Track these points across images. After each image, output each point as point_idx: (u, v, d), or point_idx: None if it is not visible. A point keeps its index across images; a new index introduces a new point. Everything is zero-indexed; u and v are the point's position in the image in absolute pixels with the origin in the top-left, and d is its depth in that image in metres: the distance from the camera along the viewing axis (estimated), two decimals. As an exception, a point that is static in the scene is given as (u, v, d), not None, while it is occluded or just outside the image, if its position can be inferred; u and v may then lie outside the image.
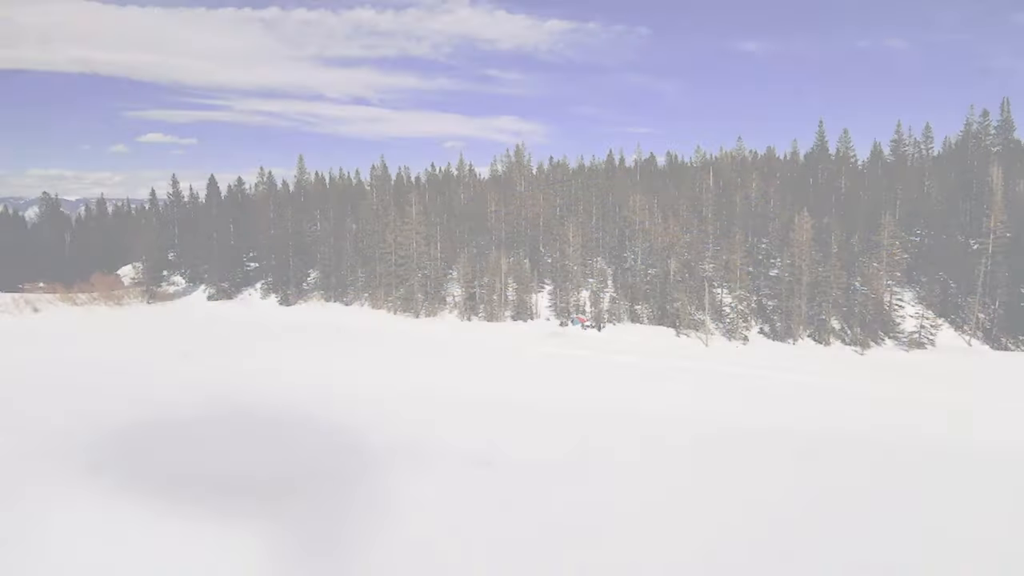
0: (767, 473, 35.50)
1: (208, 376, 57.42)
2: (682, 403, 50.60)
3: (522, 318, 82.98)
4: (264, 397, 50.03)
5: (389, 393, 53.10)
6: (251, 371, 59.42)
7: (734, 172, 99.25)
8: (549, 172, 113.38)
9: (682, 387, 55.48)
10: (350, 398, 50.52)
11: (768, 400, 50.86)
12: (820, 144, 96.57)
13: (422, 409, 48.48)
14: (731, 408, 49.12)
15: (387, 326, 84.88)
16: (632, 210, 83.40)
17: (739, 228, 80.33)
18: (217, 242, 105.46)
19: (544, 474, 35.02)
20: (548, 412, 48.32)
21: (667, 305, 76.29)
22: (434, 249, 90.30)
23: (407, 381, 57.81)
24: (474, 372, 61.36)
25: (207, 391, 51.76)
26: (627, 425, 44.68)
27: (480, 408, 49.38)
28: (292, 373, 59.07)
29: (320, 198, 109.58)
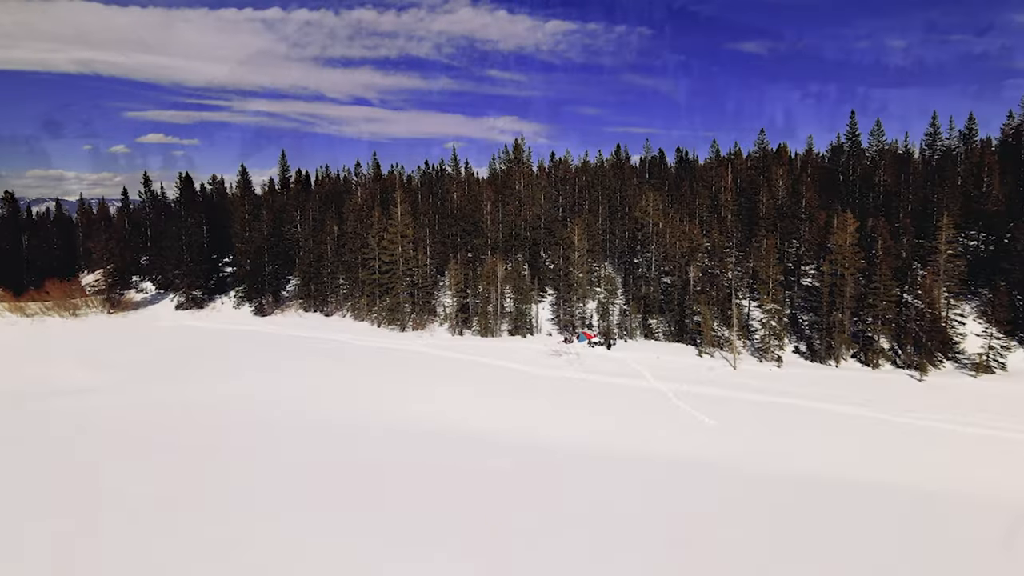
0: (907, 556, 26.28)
1: (123, 408, 48.64)
2: (728, 446, 41.30)
3: (520, 332, 73.48)
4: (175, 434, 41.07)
5: (368, 428, 44.63)
6: (164, 403, 50.56)
7: (755, 169, 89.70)
8: (551, 169, 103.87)
9: (723, 422, 46.08)
10: (325, 439, 41.70)
11: (840, 442, 41.65)
12: (852, 137, 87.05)
13: (405, 447, 39.91)
14: (793, 453, 39.78)
15: (369, 341, 75.37)
16: (644, 210, 73.90)
17: (765, 230, 70.85)
18: (187, 246, 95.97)
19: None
20: (561, 458, 39.39)
21: (686, 319, 66.80)
22: (423, 254, 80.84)
23: (387, 412, 48.87)
24: (464, 401, 51.94)
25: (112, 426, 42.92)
26: (669, 482, 35.55)
27: (471, 446, 40.67)
28: (232, 399, 50.18)
29: (302, 198, 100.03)
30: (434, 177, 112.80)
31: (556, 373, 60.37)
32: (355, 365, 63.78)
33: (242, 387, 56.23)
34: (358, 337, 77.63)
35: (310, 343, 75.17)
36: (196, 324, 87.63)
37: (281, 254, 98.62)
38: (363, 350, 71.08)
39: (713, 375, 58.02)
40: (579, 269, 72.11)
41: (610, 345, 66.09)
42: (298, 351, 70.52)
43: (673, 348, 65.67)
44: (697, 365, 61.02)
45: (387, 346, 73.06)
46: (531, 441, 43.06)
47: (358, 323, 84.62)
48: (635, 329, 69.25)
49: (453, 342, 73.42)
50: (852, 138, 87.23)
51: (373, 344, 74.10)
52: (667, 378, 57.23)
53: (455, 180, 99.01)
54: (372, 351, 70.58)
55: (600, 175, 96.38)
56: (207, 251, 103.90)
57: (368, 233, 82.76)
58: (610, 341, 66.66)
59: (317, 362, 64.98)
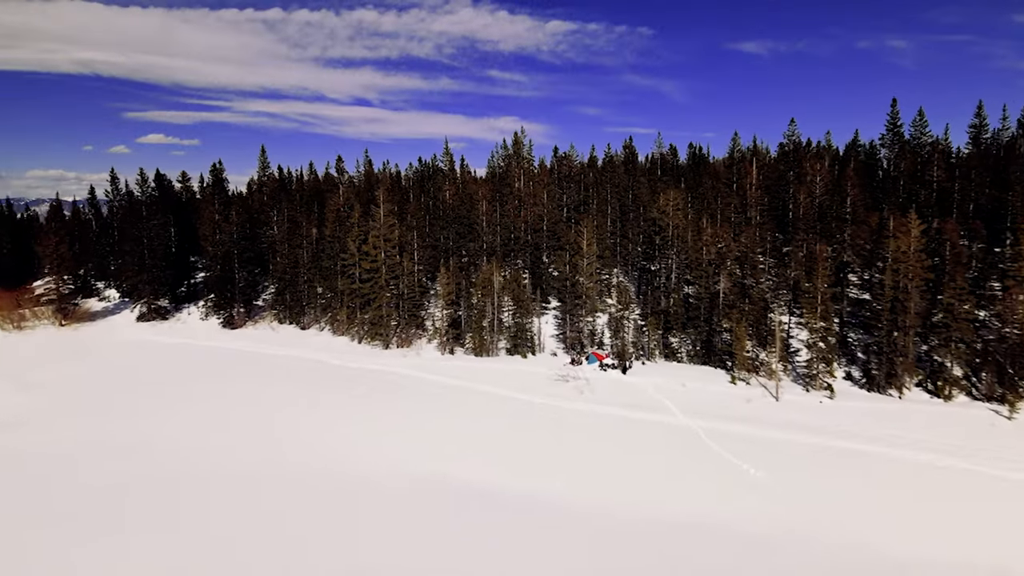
0: None
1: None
2: (787, 511, 31.84)
3: (520, 351, 63.61)
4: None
5: (325, 479, 35.21)
6: (93, 443, 40.85)
7: (784, 164, 79.90)
8: (554, 165, 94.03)
9: (773, 473, 36.38)
10: (268, 494, 31.75)
11: (947, 510, 32.24)
12: (893, 129, 77.24)
13: (371, 506, 30.67)
14: (883, 524, 30.21)
15: (347, 360, 65.58)
16: (663, 211, 64.06)
17: (804, 233, 61.07)
18: (150, 250, 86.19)
19: None
20: (572, 526, 30.08)
21: (714, 338, 56.95)
22: (409, 260, 71.05)
23: (350, 457, 39.25)
24: (451, 443, 42.22)
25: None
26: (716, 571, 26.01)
27: (456, 506, 31.36)
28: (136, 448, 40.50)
29: (278, 197, 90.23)
30: (426, 175, 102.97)
31: (562, 404, 50.57)
32: (323, 393, 53.97)
33: (186, 425, 46.53)
34: (334, 355, 67.82)
35: (277, 363, 65.38)
36: (155, 339, 77.84)
37: (254, 259, 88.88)
38: (337, 373, 61.26)
39: (752, 408, 48.18)
40: (588, 278, 62.26)
41: (625, 368, 56.23)
42: (260, 374, 60.72)
43: (700, 373, 55.79)
44: (731, 395, 51.16)
45: (366, 367, 63.24)
46: (530, 501, 33.70)
47: (336, 338, 74.81)
48: (654, 349, 59.41)
49: (442, 363, 63.57)
50: (894, 129, 77.43)
51: (350, 364, 64.29)
52: (696, 411, 47.45)
53: (448, 177, 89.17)
54: (347, 374, 60.76)
55: (609, 171, 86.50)
56: (176, 256, 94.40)
57: (347, 236, 72.97)
58: (625, 363, 56.79)
59: (280, 389, 55.21)
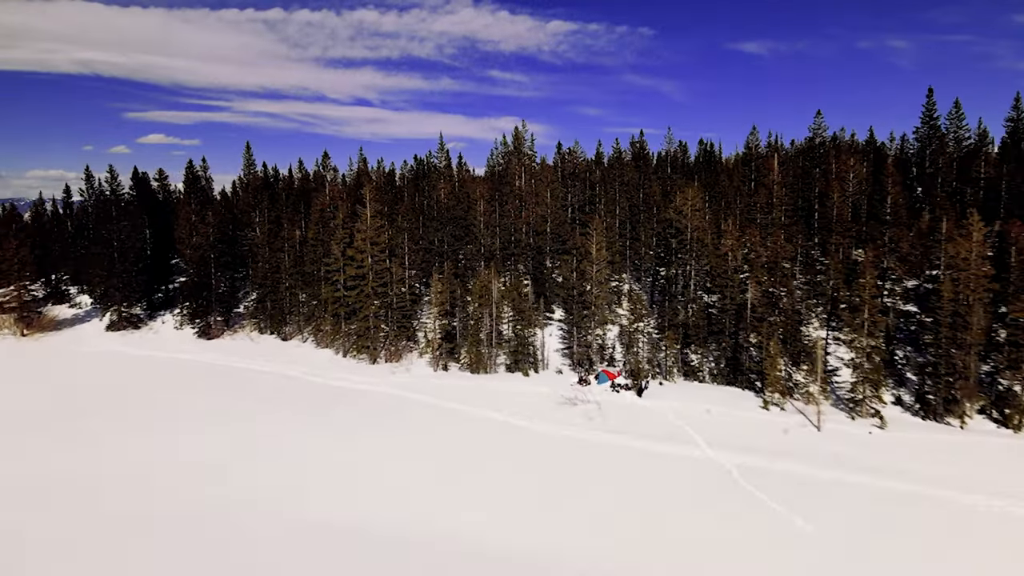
0: None
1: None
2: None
3: (521, 368, 57.01)
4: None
5: (289, 530, 28.47)
6: (25, 477, 34.18)
7: (810, 160, 73.23)
8: (557, 162, 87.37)
9: (824, 527, 29.58)
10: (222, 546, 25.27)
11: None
12: (929, 121, 70.61)
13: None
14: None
15: (329, 377, 59.02)
16: (680, 211, 57.45)
17: (838, 236, 54.48)
18: (120, 253, 79.62)
19: None
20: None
21: (741, 355, 50.33)
22: (399, 266, 64.42)
23: (317, 501, 32.46)
24: (439, 483, 35.57)
25: None
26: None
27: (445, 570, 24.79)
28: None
29: (260, 196, 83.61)
30: (421, 173, 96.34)
31: (571, 433, 43.92)
32: (294, 417, 47.29)
33: (126, 457, 39.89)
34: (315, 371, 61.23)
35: (250, 380, 58.81)
36: (123, 350, 71.26)
37: (233, 264, 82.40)
38: (315, 392, 54.65)
39: (790, 440, 41.52)
40: (598, 286, 55.63)
41: (641, 390, 49.59)
42: (228, 393, 54.11)
43: (725, 395, 49.17)
44: (763, 422, 44.53)
45: (349, 385, 56.64)
46: (535, 567, 26.93)
47: (319, 351, 68.20)
48: (671, 366, 52.80)
49: (434, 380, 56.95)
50: (929, 122, 70.79)
51: (332, 382, 57.67)
52: (725, 443, 40.81)
53: (443, 175, 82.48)
54: (327, 394, 54.15)
55: (618, 169, 79.85)
56: (152, 259, 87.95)
57: (331, 239, 66.38)
58: (640, 384, 50.16)
59: (244, 412, 48.54)
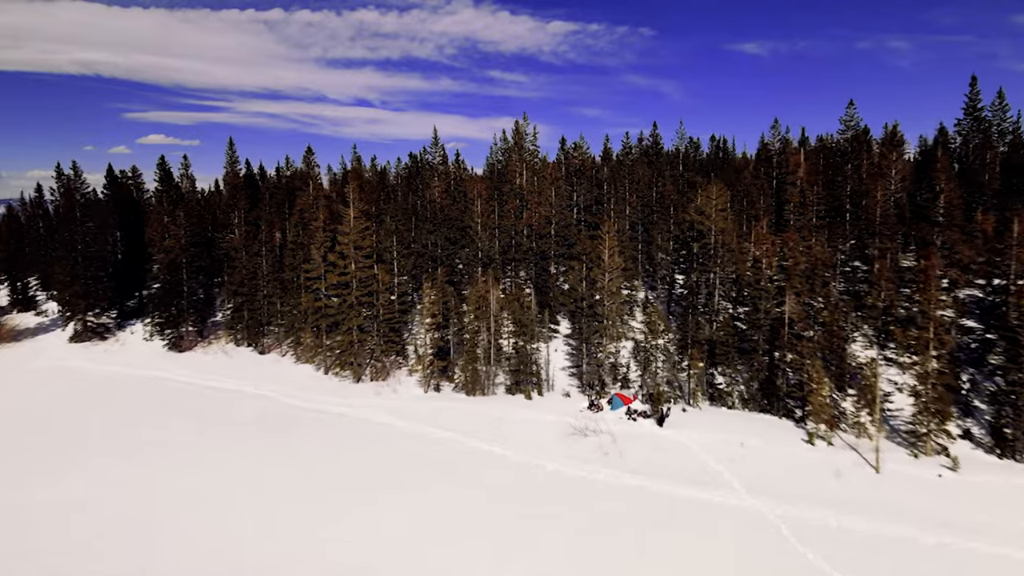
0: None
1: None
2: None
3: (523, 390, 50.34)
4: None
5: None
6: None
7: (843, 156, 66.51)
8: (560, 159, 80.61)
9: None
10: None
11: None
12: (972, 113, 63.94)
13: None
14: None
15: (306, 399, 52.40)
16: (703, 211, 50.79)
17: (886, 240, 47.79)
18: (84, 258, 72.91)
19: None
20: None
21: (777, 377, 43.60)
22: (386, 273, 57.71)
23: (284, 561, 25.98)
24: (425, 541, 28.85)
25: None
26: None
27: None
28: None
29: (237, 196, 76.84)
30: (415, 171, 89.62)
31: (582, 473, 37.27)
32: (258, 450, 40.55)
33: (49, 501, 33.20)
34: (291, 390, 54.58)
35: (218, 401, 52.19)
36: (83, 366, 64.53)
37: (208, 269, 75.79)
38: (288, 417, 47.98)
39: (845, 484, 34.81)
40: (610, 297, 48.91)
41: (662, 418, 42.85)
42: (183, 418, 47.41)
43: (761, 425, 42.44)
44: (810, 461, 37.80)
45: (327, 408, 50.03)
46: None
47: (298, 367, 61.53)
48: (696, 389, 46.09)
49: (424, 404, 50.27)
50: (973, 113, 64.13)
51: (309, 405, 51.05)
52: (768, 488, 34.16)
53: (436, 172, 75.68)
54: (301, 419, 47.49)
55: (628, 165, 73.09)
56: (123, 264, 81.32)
57: (311, 243, 59.70)
58: (661, 411, 43.43)
59: (192, 443, 41.83)
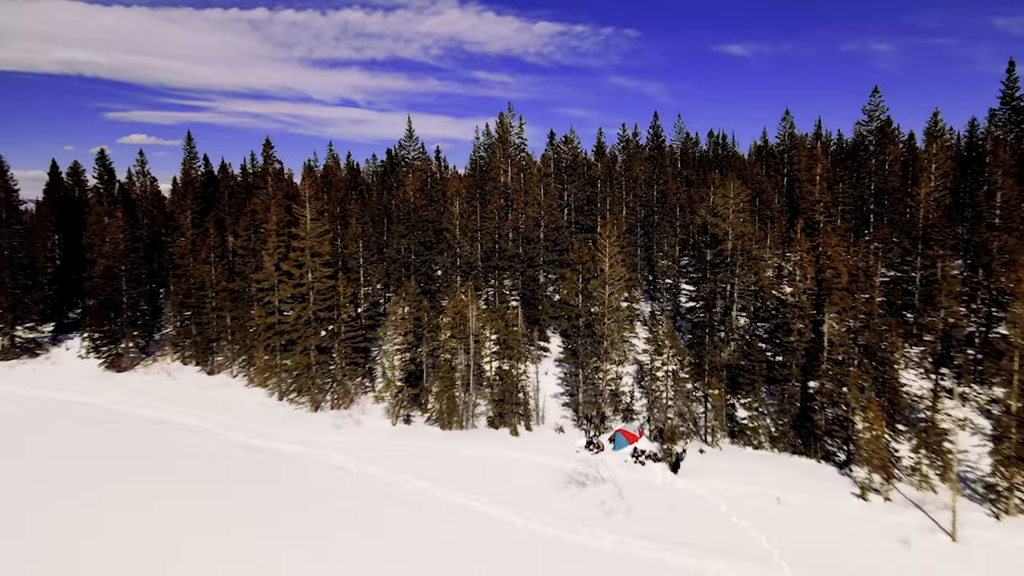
0: None
1: None
2: None
3: (508, 423, 42.60)
4: None
5: None
6: None
7: (865, 151, 59.53)
8: (549, 156, 73.00)
9: None
10: None
11: None
12: (1010, 102, 57.28)
13: None
14: None
15: (254, 433, 44.29)
16: (718, 212, 43.41)
17: (935, 247, 40.75)
18: (10, 264, 64.05)
19: None
20: None
21: (814, 411, 36.20)
22: (346, 284, 49.72)
23: None
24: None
25: None
26: None
27: None
28: None
29: (186, 198, 68.22)
30: (389, 169, 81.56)
31: (580, 537, 29.61)
32: (182, 510, 32.36)
33: None
34: (239, 422, 46.41)
35: (151, 437, 43.87)
36: (1, 389, 55.79)
37: (153, 277, 67.29)
38: (227, 460, 39.80)
39: (915, 557, 27.44)
40: (612, 313, 41.26)
41: (677, 462, 35.26)
42: (112, 457, 39.10)
43: (797, 471, 34.98)
44: (865, 521, 30.39)
45: (276, 446, 41.91)
46: None
47: (250, 391, 53.32)
48: (714, 424, 38.58)
49: (392, 441, 42.33)
50: (1011, 103, 57.48)
51: (255, 441, 42.93)
52: (816, 562, 26.75)
53: (411, 169, 67.63)
54: (243, 462, 39.37)
55: (626, 160, 65.59)
56: (61, 271, 72.57)
57: (263, 249, 51.54)
58: (676, 454, 35.85)
59: (122, 497, 33.61)
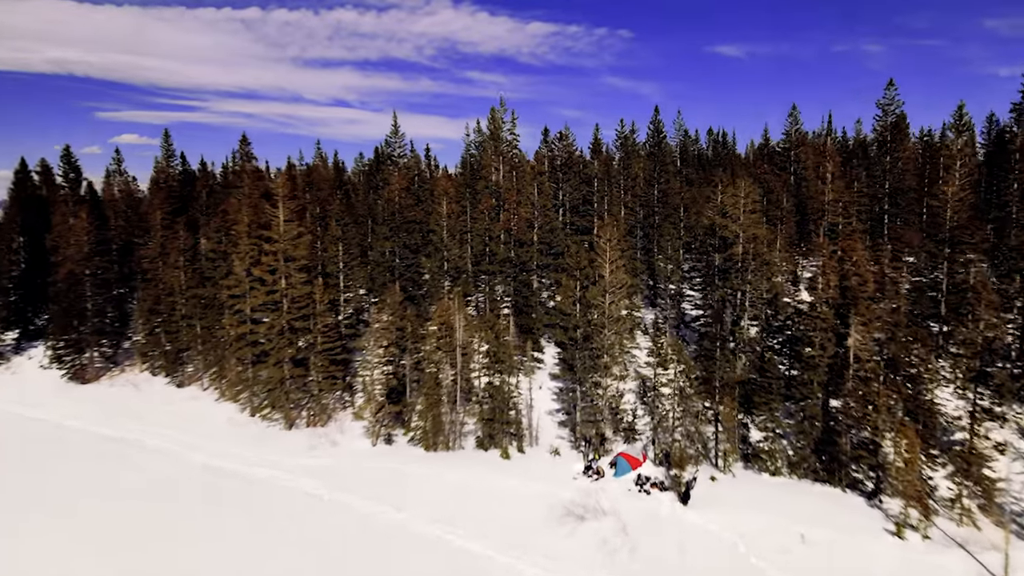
0: None
1: None
2: None
3: (499, 443, 38.79)
4: None
5: None
6: None
7: (878, 147, 56.07)
8: (544, 152, 69.23)
9: None
10: None
11: None
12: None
13: None
14: None
15: (219, 452, 40.36)
16: (727, 213, 39.78)
17: (967, 250, 37.31)
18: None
19: None
20: None
21: (839, 435, 32.56)
22: (322, 290, 45.81)
23: None
24: None
25: None
26: None
27: None
28: None
29: (161, 197, 63.99)
30: (375, 168, 77.69)
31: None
32: (118, 536, 28.35)
33: None
34: (205, 442, 42.47)
35: (107, 458, 39.95)
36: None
37: (122, 282, 63.18)
38: (186, 487, 35.86)
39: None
40: (613, 324, 37.50)
41: (687, 492, 31.53)
42: (42, 482, 35.01)
43: (820, 502, 31.28)
44: (904, 563, 26.72)
45: (244, 469, 38.02)
46: None
47: (221, 406, 49.35)
48: (726, 447, 34.88)
49: (371, 463, 38.45)
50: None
51: (221, 462, 39.04)
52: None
53: (397, 167, 63.67)
54: (201, 486, 35.51)
55: (624, 157, 61.91)
56: (25, 275, 68.26)
57: (234, 253, 47.55)
58: (685, 482, 32.13)
59: (41, 526, 29.52)
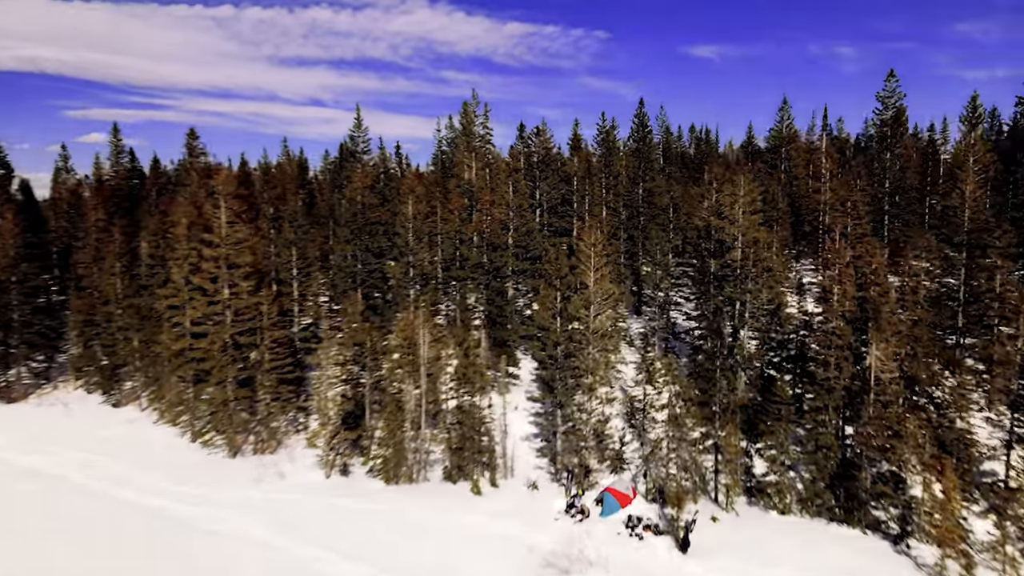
0: None
1: None
2: None
3: (467, 475, 34.12)
4: None
5: None
6: None
7: (879, 143, 52.71)
8: (520, 150, 64.69)
9: None
10: None
11: None
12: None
13: None
14: None
15: (150, 486, 35.09)
16: (724, 214, 35.69)
17: (991, 258, 33.74)
18: None
19: None
20: None
21: (859, 469, 28.49)
22: (270, 300, 40.66)
23: None
24: None
25: None
26: None
27: None
28: None
29: (97, 197, 58.02)
30: (339, 165, 72.49)
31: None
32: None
33: None
34: (136, 473, 37.11)
35: (21, 498, 34.28)
36: None
37: (57, 291, 57.28)
38: (97, 522, 30.58)
39: None
40: (598, 340, 33.07)
41: (686, 537, 27.19)
42: None
43: (839, 547, 27.17)
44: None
45: (175, 510, 32.82)
46: None
47: (159, 429, 43.91)
48: (727, 481, 30.66)
49: (321, 499, 33.50)
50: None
51: (150, 501, 33.84)
52: None
53: (360, 164, 58.54)
54: (118, 526, 30.26)
55: (605, 156, 57.69)
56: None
57: (172, 258, 42.16)
58: (683, 526, 27.79)
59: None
